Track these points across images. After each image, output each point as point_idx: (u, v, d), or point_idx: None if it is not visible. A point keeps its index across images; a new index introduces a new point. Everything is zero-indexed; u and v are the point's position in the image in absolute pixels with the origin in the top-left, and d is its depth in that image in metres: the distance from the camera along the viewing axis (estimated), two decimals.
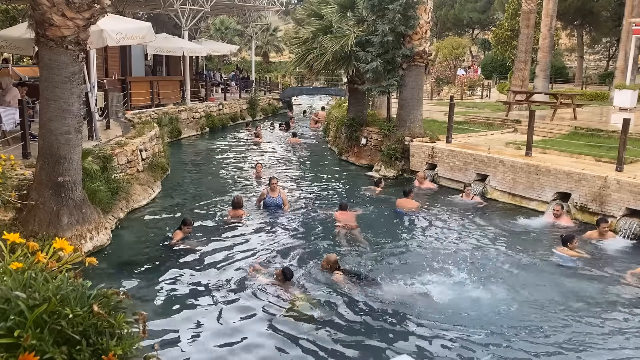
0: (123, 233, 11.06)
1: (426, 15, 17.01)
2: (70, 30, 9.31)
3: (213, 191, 14.54)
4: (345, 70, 18.39)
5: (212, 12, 29.68)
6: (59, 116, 9.42)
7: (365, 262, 9.61)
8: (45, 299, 2.25)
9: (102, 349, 2.21)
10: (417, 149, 16.64)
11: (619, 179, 11.79)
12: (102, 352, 2.18)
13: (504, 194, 14.06)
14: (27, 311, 2.15)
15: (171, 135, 21.87)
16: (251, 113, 30.44)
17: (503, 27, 35.89)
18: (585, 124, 18.64)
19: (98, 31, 12.44)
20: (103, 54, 20.12)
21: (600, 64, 45.46)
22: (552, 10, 25.56)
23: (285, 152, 21.34)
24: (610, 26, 36.06)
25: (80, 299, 2.39)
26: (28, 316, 2.14)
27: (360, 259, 9.80)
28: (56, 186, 9.47)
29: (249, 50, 41.60)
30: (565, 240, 10.17)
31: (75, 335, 2.18)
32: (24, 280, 2.38)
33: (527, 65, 24.81)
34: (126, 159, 13.20)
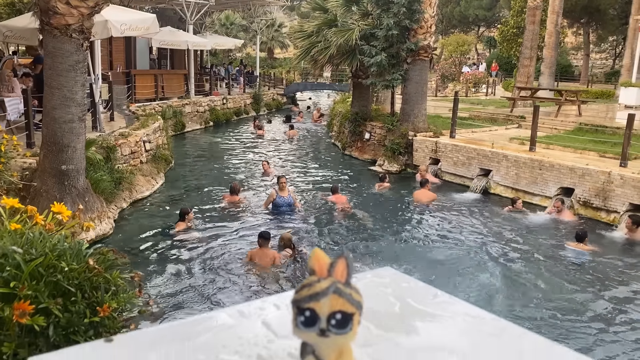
0: (126, 223, 11.06)
1: (431, 10, 16.93)
2: (74, 19, 9.30)
3: (216, 183, 14.54)
4: (350, 64, 18.32)
5: (217, 6, 29.64)
6: (62, 104, 9.43)
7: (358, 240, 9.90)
8: (42, 254, 2.25)
9: (97, 302, 2.20)
10: (420, 143, 16.58)
11: (622, 174, 11.72)
12: (97, 304, 2.18)
13: (507, 189, 14.00)
14: (24, 264, 2.15)
15: (175, 128, 21.85)
16: (255, 108, 30.41)
17: (509, 24, 35.74)
18: (590, 121, 18.55)
19: (103, 22, 12.44)
20: (108, 46, 20.11)
21: (607, 62, 45.26)
22: (559, 7, 25.42)
23: (288, 146, 21.33)
24: (617, 24, 35.87)
25: (77, 255, 2.39)
26: (24, 269, 2.14)
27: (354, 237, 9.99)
28: (59, 174, 9.48)
29: (253, 46, 41.53)
30: (582, 236, 10.09)
31: (71, 287, 2.18)
32: (22, 238, 2.38)
33: (532, 62, 24.69)
34: (130, 150, 13.20)
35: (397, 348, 0.89)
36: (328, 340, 0.76)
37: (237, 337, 0.91)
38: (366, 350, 0.88)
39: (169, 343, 0.89)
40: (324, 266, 0.79)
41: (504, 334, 0.95)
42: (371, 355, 0.88)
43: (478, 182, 14.43)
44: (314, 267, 0.79)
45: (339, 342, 0.77)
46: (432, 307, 1.04)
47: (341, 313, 0.76)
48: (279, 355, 0.87)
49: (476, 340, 0.93)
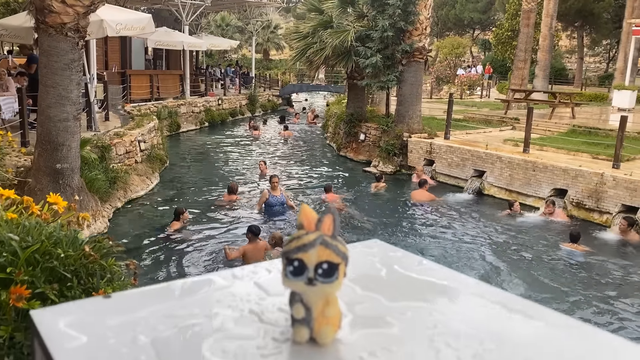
0: (120, 222, 11.06)
1: (426, 12, 17.01)
2: (70, 17, 9.31)
3: (211, 183, 14.56)
4: (345, 66, 18.39)
5: (212, 7, 29.67)
6: (57, 103, 9.43)
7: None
8: (38, 242, 2.28)
9: (93, 287, 2.24)
10: (415, 144, 16.64)
11: (615, 176, 11.80)
12: (93, 290, 2.21)
13: (501, 190, 14.07)
14: (20, 251, 2.18)
15: (170, 128, 21.86)
16: (251, 109, 30.43)
17: (503, 27, 35.91)
18: (584, 123, 18.65)
19: (98, 21, 12.45)
20: (103, 46, 20.12)
21: (600, 66, 45.51)
22: (553, 11, 25.58)
23: (283, 147, 21.37)
24: (611, 28, 36.08)
25: (73, 243, 2.42)
26: (20, 255, 2.17)
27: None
28: (54, 173, 9.47)
29: (249, 47, 41.56)
30: (576, 237, 10.15)
31: (67, 274, 2.21)
32: (19, 227, 2.41)
33: (526, 64, 24.83)
34: (124, 150, 13.21)
35: (381, 305, 0.93)
36: (315, 288, 0.80)
37: (230, 295, 0.94)
38: (352, 307, 0.92)
39: (164, 299, 0.93)
40: (312, 221, 0.83)
41: (487, 294, 0.99)
42: (357, 312, 0.91)
43: (472, 183, 14.50)
44: (303, 222, 0.83)
45: (325, 290, 0.81)
46: (416, 272, 1.07)
47: (327, 263, 0.80)
48: (270, 310, 0.91)
49: (458, 299, 0.97)
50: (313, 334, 0.82)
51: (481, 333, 0.85)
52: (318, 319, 0.82)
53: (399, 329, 0.86)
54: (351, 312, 0.91)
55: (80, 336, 0.80)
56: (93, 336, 0.80)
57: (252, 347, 0.80)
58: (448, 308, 0.93)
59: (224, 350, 0.78)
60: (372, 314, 0.91)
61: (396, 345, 0.81)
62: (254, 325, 0.86)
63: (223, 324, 0.85)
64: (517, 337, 0.84)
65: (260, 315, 0.89)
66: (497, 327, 0.87)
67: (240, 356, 0.77)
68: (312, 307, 0.82)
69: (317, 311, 0.82)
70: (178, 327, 0.84)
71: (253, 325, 0.86)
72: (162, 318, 0.86)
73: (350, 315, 0.90)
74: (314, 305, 0.81)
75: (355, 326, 0.87)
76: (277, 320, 0.87)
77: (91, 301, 0.93)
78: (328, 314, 0.82)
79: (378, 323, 0.88)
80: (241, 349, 0.79)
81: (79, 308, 0.90)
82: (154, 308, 0.89)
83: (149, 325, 0.84)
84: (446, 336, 0.83)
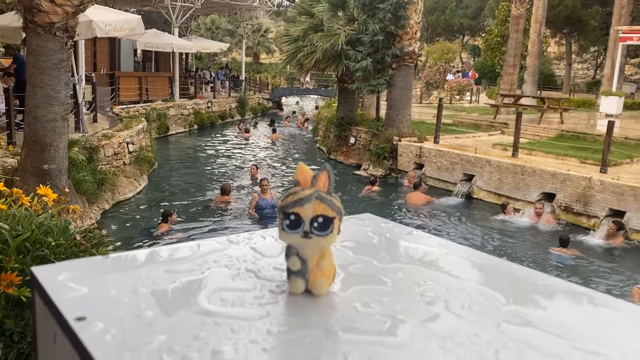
0: (108, 224, 11.00)
1: (416, 16, 17.11)
2: (58, 17, 9.28)
3: (200, 186, 14.54)
4: (336, 69, 18.45)
5: (203, 10, 29.66)
6: (45, 103, 9.36)
7: None
8: (29, 231, 2.28)
9: None
10: (405, 148, 16.71)
11: (602, 180, 11.91)
12: None
13: (490, 193, 14.15)
14: (10, 239, 2.18)
15: (159, 131, 21.78)
16: (240, 112, 30.40)
17: (493, 33, 36.15)
18: (572, 128, 18.82)
19: (87, 22, 12.43)
20: (92, 47, 20.05)
21: (588, 72, 45.95)
22: (542, 17, 25.80)
23: (273, 150, 21.39)
24: (598, 35, 36.44)
25: (64, 232, 2.43)
26: (11, 243, 2.17)
27: None
28: (41, 174, 9.40)
29: (239, 50, 41.56)
30: (566, 241, 10.22)
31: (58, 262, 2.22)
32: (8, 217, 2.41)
33: (515, 70, 25.00)
34: (113, 151, 13.16)
35: (373, 266, 0.96)
36: (311, 241, 0.83)
37: (226, 256, 0.97)
38: (345, 268, 0.95)
39: (162, 259, 0.95)
40: (308, 178, 0.86)
41: (475, 257, 1.02)
42: (350, 271, 0.94)
43: (461, 187, 14.57)
44: (299, 179, 0.86)
45: (320, 243, 0.83)
46: (407, 240, 1.10)
47: (323, 217, 0.83)
48: (265, 269, 0.93)
49: (448, 261, 1.00)
50: (308, 286, 0.85)
51: (469, 288, 0.88)
52: (313, 271, 0.85)
53: (391, 285, 0.89)
54: (344, 271, 0.93)
55: (82, 288, 0.82)
56: (94, 288, 0.82)
57: (250, 297, 0.82)
58: (438, 268, 0.96)
59: (222, 299, 0.81)
60: (364, 273, 0.93)
61: (388, 297, 0.84)
62: (250, 281, 0.88)
63: (221, 279, 0.88)
64: (502, 292, 0.87)
65: (257, 273, 0.91)
66: (485, 283, 0.90)
67: (237, 304, 0.79)
68: (308, 260, 0.84)
69: (313, 263, 0.85)
70: (177, 281, 0.86)
71: (250, 280, 0.88)
72: (162, 273, 0.88)
73: (343, 274, 0.92)
74: (309, 257, 0.84)
75: (348, 283, 0.89)
76: (273, 277, 0.90)
77: (91, 259, 0.95)
78: (323, 267, 0.85)
79: (371, 280, 0.90)
80: (239, 298, 0.81)
81: (79, 265, 0.92)
82: (153, 266, 0.92)
83: (149, 279, 0.86)
84: (436, 290, 0.86)
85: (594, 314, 0.82)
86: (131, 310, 0.76)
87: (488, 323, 0.77)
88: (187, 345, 0.68)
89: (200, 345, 0.68)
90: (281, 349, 0.69)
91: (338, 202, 0.85)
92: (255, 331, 0.72)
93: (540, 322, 0.77)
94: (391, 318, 0.77)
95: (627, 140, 16.37)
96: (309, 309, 0.80)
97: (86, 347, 0.66)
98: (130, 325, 0.72)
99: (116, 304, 0.78)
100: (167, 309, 0.77)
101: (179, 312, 0.76)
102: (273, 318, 0.76)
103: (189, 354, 0.66)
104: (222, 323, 0.74)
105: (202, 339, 0.69)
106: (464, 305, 0.82)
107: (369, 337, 0.72)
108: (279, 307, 0.80)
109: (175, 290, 0.83)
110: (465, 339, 0.72)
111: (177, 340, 0.69)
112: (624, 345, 0.72)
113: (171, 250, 0.99)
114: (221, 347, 0.68)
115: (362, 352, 0.68)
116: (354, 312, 0.79)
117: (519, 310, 0.81)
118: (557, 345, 0.71)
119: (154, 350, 0.66)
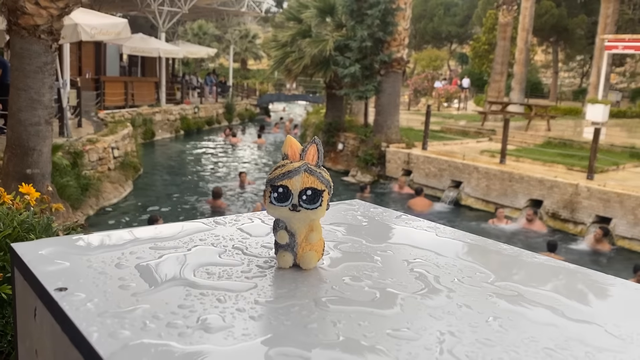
0: (92, 230, 10.87)
1: (405, 23, 17.18)
2: (43, 19, 9.19)
3: (187, 192, 14.45)
4: (324, 75, 18.46)
5: (190, 15, 29.59)
6: (29, 106, 9.25)
7: None
8: (10, 227, 2.25)
9: None
10: (393, 154, 16.74)
11: (589, 187, 11.98)
12: None
13: (478, 200, 14.19)
14: None
15: (145, 136, 21.64)
16: (228, 117, 30.32)
17: (480, 40, 36.40)
18: (559, 136, 18.97)
19: (72, 25, 12.33)
20: (77, 51, 19.93)
21: (574, 81, 46.35)
22: (529, 25, 26.00)
23: (260, 155, 21.36)
24: (584, 43, 36.79)
25: (46, 230, 2.39)
26: None
27: None
28: (24, 178, 9.27)
29: (227, 56, 41.51)
30: (554, 246, 10.23)
31: None
32: None
33: (503, 77, 25.20)
34: (97, 156, 13.05)
35: (361, 245, 0.94)
36: (299, 214, 0.81)
37: (213, 235, 0.95)
38: (336, 246, 0.93)
39: (147, 239, 0.93)
40: (297, 151, 0.84)
41: (463, 237, 1.01)
42: (340, 249, 0.92)
43: (449, 194, 14.61)
44: (287, 152, 0.84)
45: (309, 216, 0.82)
46: (396, 222, 1.09)
47: (312, 189, 0.81)
48: (253, 247, 0.92)
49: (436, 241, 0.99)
50: (297, 260, 0.84)
51: (460, 265, 0.87)
52: (302, 244, 0.83)
53: (380, 261, 0.87)
54: (334, 250, 0.92)
55: (64, 262, 0.79)
56: (76, 262, 0.80)
57: (237, 271, 0.81)
58: (428, 247, 0.95)
59: (208, 272, 0.79)
60: (354, 250, 0.92)
61: (377, 272, 0.83)
62: (237, 257, 0.87)
63: (207, 255, 0.86)
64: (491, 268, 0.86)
65: (244, 250, 0.90)
66: (475, 261, 0.89)
67: (224, 278, 0.78)
68: (296, 233, 0.83)
69: (301, 237, 0.83)
70: (162, 256, 0.84)
71: (237, 256, 0.87)
72: (147, 250, 0.87)
73: (332, 252, 0.91)
74: (297, 231, 0.83)
75: (338, 260, 0.88)
76: (261, 253, 0.89)
77: (74, 237, 0.93)
78: (312, 240, 0.83)
79: (360, 257, 0.89)
80: (225, 272, 0.80)
81: (61, 241, 0.90)
82: (138, 243, 0.90)
83: (133, 255, 0.84)
84: (427, 267, 0.85)
85: (585, 288, 0.81)
86: (115, 282, 0.74)
87: (479, 295, 0.75)
88: (172, 312, 0.66)
89: (185, 312, 0.67)
90: (269, 316, 0.67)
91: (327, 175, 0.84)
92: (242, 301, 0.71)
93: (530, 294, 0.76)
94: (381, 291, 0.76)
95: (613, 148, 16.52)
96: (297, 281, 0.79)
97: (67, 315, 0.63)
98: (113, 296, 0.70)
99: (99, 276, 0.76)
100: (152, 282, 0.75)
101: (164, 284, 0.74)
102: (260, 289, 0.75)
103: (173, 321, 0.64)
104: (209, 294, 0.72)
105: (188, 307, 0.68)
106: (455, 280, 0.81)
107: (359, 307, 0.71)
108: (267, 280, 0.79)
109: (160, 264, 0.81)
110: (456, 308, 0.71)
111: (161, 308, 0.67)
112: (612, 315, 0.72)
113: (156, 230, 0.97)
114: (207, 315, 0.66)
115: (352, 320, 0.66)
116: (343, 285, 0.78)
117: (509, 285, 0.80)
118: (547, 315, 0.70)
119: (137, 317, 0.64)
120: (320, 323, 0.66)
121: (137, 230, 0.97)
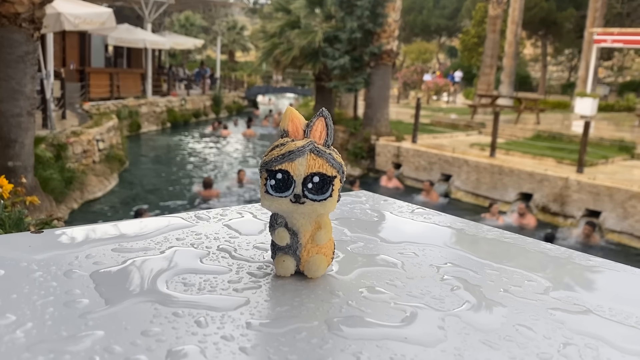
0: (76, 224, 10.63)
1: (395, 14, 17.00)
2: (24, 7, 8.94)
3: (174, 184, 14.22)
4: (313, 67, 18.24)
5: (176, 6, 29.18)
6: (10, 97, 9.01)
7: None
8: None
9: None
10: (383, 148, 16.58)
11: (579, 180, 11.91)
12: None
13: (468, 194, 14.08)
14: None
15: (130, 129, 21.29)
16: (215, 110, 29.99)
17: (470, 33, 36.27)
18: (548, 129, 18.90)
19: (55, 14, 12.04)
20: (61, 42, 19.54)
21: (563, 74, 46.37)
22: (518, 18, 25.91)
23: (250, 148, 21.12)
24: (573, 37, 36.76)
25: (17, 224, 2.21)
26: None
27: None
28: (5, 171, 9.03)
29: (214, 48, 41.10)
30: (551, 238, 10.14)
31: None
32: None
33: (492, 70, 25.13)
34: (82, 149, 12.79)
35: (377, 246, 0.77)
36: (304, 207, 0.62)
37: (193, 234, 0.76)
38: (343, 247, 0.75)
39: (109, 238, 0.74)
40: (300, 127, 0.65)
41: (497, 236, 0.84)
42: (350, 252, 0.74)
43: (439, 187, 14.48)
44: (287, 128, 0.65)
45: (316, 210, 0.63)
46: (408, 216, 0.91)
47: (319, 175, 0.62)
48: (243, 247, 0.73)
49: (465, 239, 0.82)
50: (300, 266, 0.65)
51: (501, 270, 0.69)
52: (307, 246, 0.64)
53: (403, 266, 0.69)
54: (343, 251, 0.74)
55: None
56: (12, 269, 0.61)
57: (222, 281, 0.62)
58: (457, 247, 0.78)
59: (185, 283, 0.60)
60: (368, 252, 0.74)
61: (401, 280, 0.65)
62: (223, 261, 0.68)
63: (185, 260, 0.67)
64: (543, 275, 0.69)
65: (232, 253, 0.71)
66: (519, 265, 0.72)
67: (206, 290, 0.59)
68: (300, 232, 0.64)
69: (306, 237, 0.64)
70: (126, 262, 0.65)
71: (223, 261, 0.68)
72: (107, 252, 0.68)
73: (342, 254, 0.73)
74: (301, 229, 0.64)
75: (349, 264, 0.70)
76: (254, 257, 0.70)
77: (18, 235, 0.75)
78: (319, 241, 0.64)
79: (376, 261, 0.71)
80: (208, 283, 0.61)
81: (4, 240, 0.71)
82: (97, 244, 0.71)
83: (90, 260, 0.65)
84: (461, 273, 0.68)
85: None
86: (59, 298, 0.55)
87: (537, 312, 0.58)
88: (133, 343, 0.48)
89: (150, 343, 0.48)
90: (266, 347, 0.48)
91: (339, 157, 0.65)
92: (229, 324, 0.52)
93: (602, 310, 0.59)
94: (411, 308, 0.58)
95: (602, 141, 16.47)
96: (301, 294, 0.60)
97: None
98: (55, 318, 0.51)
99: (40, 289, 0.57)
100: (110, 297, 0.56)
101: (126, 300, 0.56)
102: (254, 307, 0.56)
103: (133, 356, 0.46)
104: (184, 314, 0.53)
105: (155, 335, 0.49)
106: (501, 291, 0.63)
107: (386, 331, 0.52)
108: (262, 293, 0.60)
109: (123, 272, 0.62)
110: (513, 332, 0.53)
111: (119, 336, 0.48)
112: None
113: (122, 226, 0.78)
114: (181, 347, 0.47)
115: (380, 351, 0.48)
116: (361, 299, 0.59)
117: (570, 297, 0.63)
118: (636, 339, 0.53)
119: (83, 351, 0.46)
120: (337, 357, 0.47)
121: (99, 227, 0.78)
